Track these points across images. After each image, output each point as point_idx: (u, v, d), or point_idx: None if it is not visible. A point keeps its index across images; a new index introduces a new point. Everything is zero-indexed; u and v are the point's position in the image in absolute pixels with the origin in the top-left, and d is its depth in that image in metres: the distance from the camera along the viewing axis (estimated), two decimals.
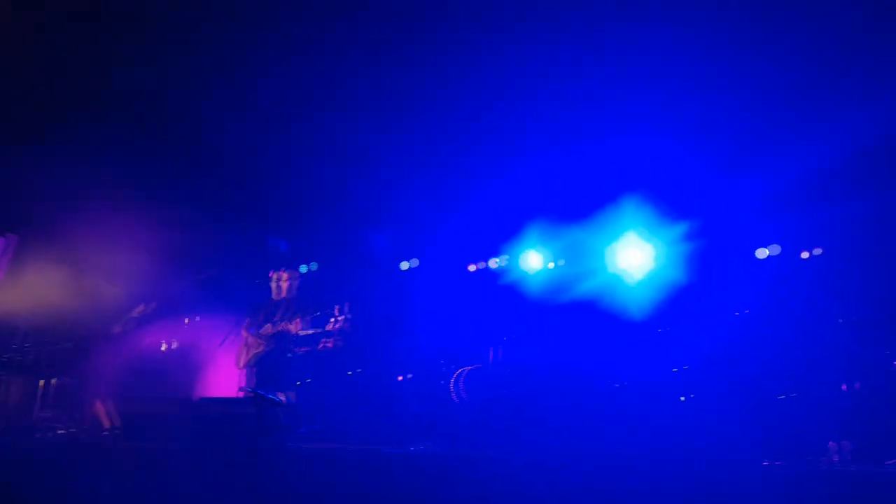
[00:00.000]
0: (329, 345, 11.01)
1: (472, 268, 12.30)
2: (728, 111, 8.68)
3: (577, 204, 10.57)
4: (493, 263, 11.89)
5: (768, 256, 9.99)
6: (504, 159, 10.51)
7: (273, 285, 7.96)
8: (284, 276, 8.07)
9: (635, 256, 10.36)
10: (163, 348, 9.90)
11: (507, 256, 11.90)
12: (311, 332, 11.02)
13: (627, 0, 7.71)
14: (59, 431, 7.93)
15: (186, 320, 9.40)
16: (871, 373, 7.14)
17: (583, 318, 10.39)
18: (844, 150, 8.28)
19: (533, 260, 11.54)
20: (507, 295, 11.42)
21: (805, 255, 9.84)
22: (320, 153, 10.52)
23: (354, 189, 11.35)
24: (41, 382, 8.40)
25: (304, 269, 12.45)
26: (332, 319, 11.31)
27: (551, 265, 11.60)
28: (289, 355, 7.97)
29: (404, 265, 12.69)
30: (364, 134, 10.29)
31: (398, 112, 9.94)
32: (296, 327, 7.86)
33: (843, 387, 7.27)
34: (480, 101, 9.51)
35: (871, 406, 6.89)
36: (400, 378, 11.30)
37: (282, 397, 7.41)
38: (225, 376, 8.69)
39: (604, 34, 8.19)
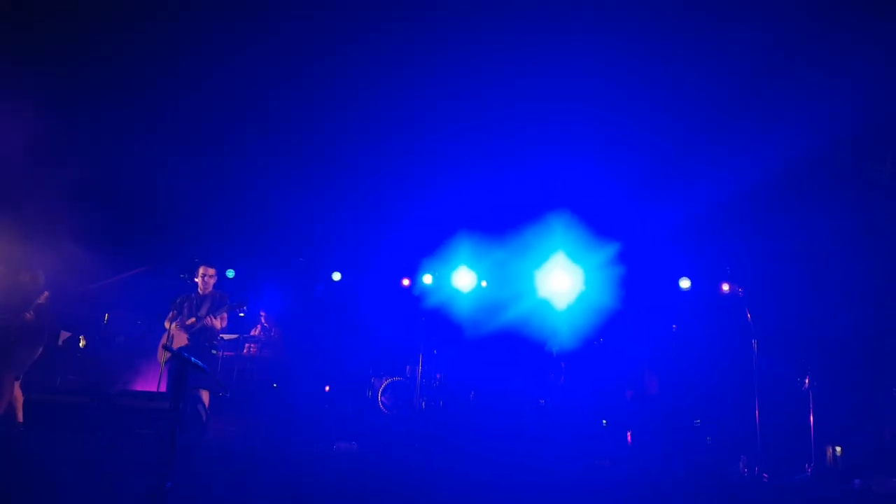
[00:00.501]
0: (253, 350, 10.85)
1: (405, 282, 12.33)
2: (645, 138, 9.09)
3: (509, 226, 10.75)
4: (427, 279, 11.90)
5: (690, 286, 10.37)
6: (437, 181, 10.69)
7: (199, 280, 7.79)
8: (211, 271, 7.91)
9: (563, 280, 10.56)
10: (81, 344, 9.55)
11: (437, 274, 11.93)
12: (235, 336, 10.85)
13: (553, 33, 8.07)
14: None
15: (107, 316, 9.09)
16: (782, 392, 7.49)
17: (509, 339, 10.54)
18: (754, 179, 8.79)
19: (464, 278, 11.60)
20: (437, 311, 11.43)
21: (725, 287, 10.28)
22: (249, 171, 10.52)
23: (282, 206, 11.33)
24: None
25: (231, 273, 12.26)
26: (259, 325, 11.16)
27: (484, 283, 11.72)
28: (213, 352, 7.78)
29: (336, 276, 12.62)
30: (293, 155, 10.38)
31: (330, 135, 10.05)
32: (221, 323, 7.70)
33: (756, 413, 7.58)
34: (412, 124, 9.71)
35: (781, 422, 7.21)
36: (327, 388, 11.26)
37: (205, 396, 7.25)
38: (145, 371, 8.43)
39: (530, 64, 8.54)
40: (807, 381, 7.14)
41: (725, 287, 10.22)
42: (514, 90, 8.84)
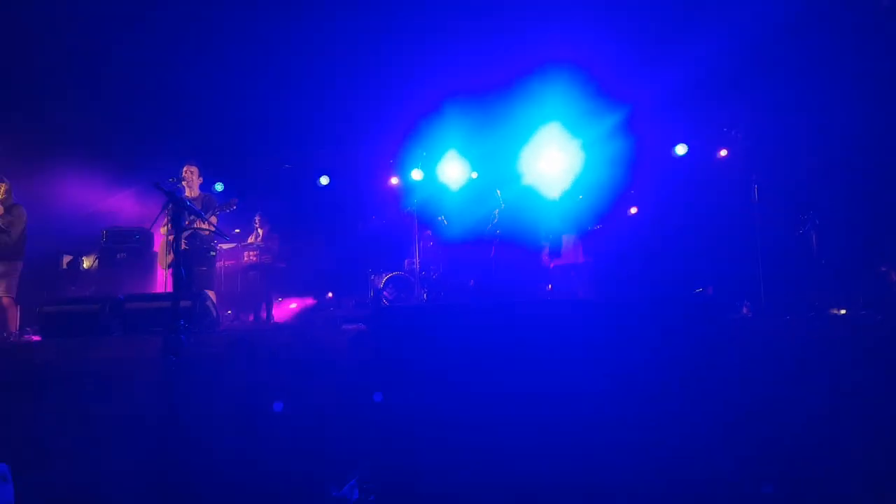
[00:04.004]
0: (253, 258, 10.81)
1: (393, 181, 12.22)
2: None
3: (500, 104, 10.38)
4: (416, 175, 11.69)
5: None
6: (423, 54, 10.10)
7: (184, 182, 7.69)
8: (193, 168, 7.80)
9: (558, 159, 10.29)
10: (85, 265, 9.48)
11: (426, 169, 11.70)
12: (233, 245, 10.81)
13: None
14: None
15: (104, 233, 8.92)
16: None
17: (503, 229, 10.40)
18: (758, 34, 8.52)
19: (454, 170, 11.41)
20: (428, 204, 11.23)
21: (723, 153, 10.24)
22: (229, 72, 10.19)
23: (266, 107, 11.03)
24: None
25: (219, 186, 12.11)
26: (253, 233, 11.07)
27: (474, 175, 11.56)
28: (211, 254, 7.73)
29: (324, 180, 12.49)
30: (273, 52, 10.02)
31: (304, 23, 9.66)
32: (211, 224, 7.67)
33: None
34: None
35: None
36: (330, 295, 11.37)
37: (212, 295, 7.27)
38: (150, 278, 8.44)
39: None
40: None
41: (723, 152, 10.19)
42: None
